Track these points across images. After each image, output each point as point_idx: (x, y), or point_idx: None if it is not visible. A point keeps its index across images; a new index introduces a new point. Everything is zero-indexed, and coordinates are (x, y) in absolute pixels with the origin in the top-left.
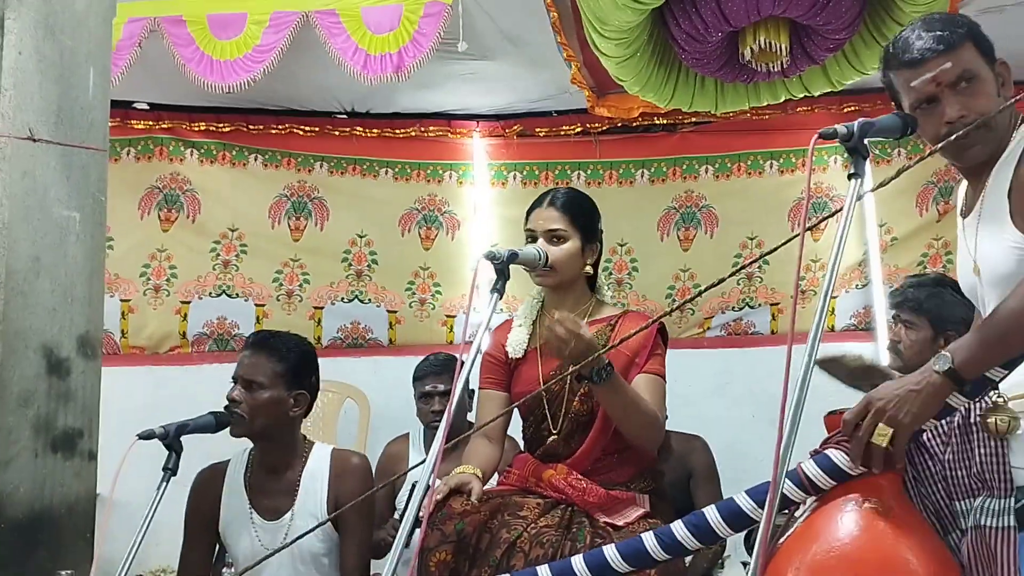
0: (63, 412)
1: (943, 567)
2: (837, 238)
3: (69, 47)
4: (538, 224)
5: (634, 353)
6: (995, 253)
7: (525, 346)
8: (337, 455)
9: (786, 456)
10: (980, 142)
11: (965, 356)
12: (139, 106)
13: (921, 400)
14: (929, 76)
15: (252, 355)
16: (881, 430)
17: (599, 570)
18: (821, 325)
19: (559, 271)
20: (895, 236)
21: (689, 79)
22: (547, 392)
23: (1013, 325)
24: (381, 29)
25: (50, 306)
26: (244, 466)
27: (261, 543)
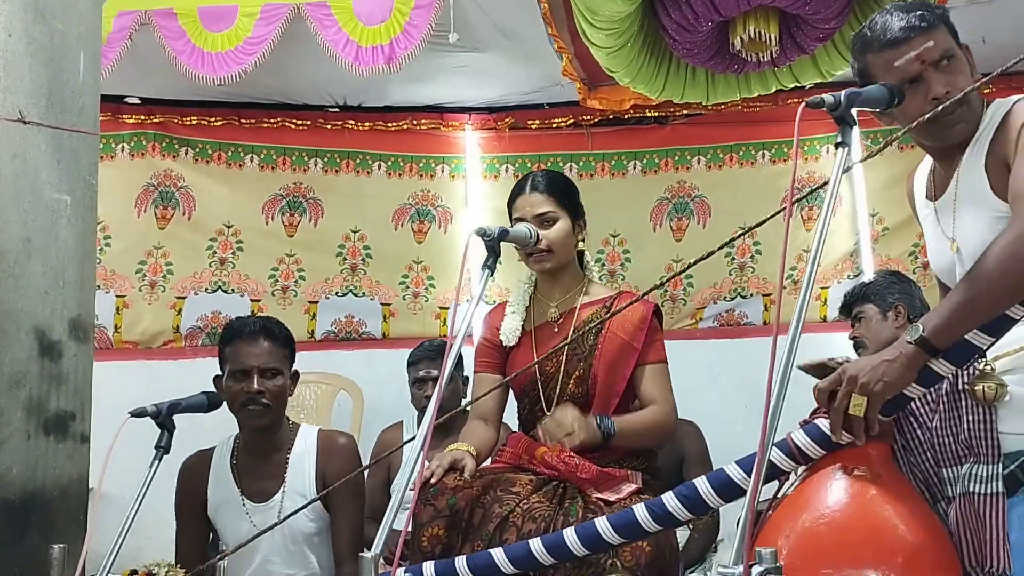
0: (55, 394)
1: (931, 533)
2: (825, 206)
3: (59, 30)
4: (525, 210)
5: (630, 336)
6: (979, 227)
7: (519, 333)
8: (324, 435)
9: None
10: (963, 119)
11: (935, 324)
12: (130, 100)
13: (894, 369)
14: (913, 54)
15: (258, 342)
16: (855, 400)
17: (591, 542)
18: (806, 302)
19: (557, 252)
20: (886, 226)
21: (680, 70)
22: (541, 374)
23: (976, 289)
24: (372, 21)
25: (42, 288)
26: (230, 451)
27: (254, 525)
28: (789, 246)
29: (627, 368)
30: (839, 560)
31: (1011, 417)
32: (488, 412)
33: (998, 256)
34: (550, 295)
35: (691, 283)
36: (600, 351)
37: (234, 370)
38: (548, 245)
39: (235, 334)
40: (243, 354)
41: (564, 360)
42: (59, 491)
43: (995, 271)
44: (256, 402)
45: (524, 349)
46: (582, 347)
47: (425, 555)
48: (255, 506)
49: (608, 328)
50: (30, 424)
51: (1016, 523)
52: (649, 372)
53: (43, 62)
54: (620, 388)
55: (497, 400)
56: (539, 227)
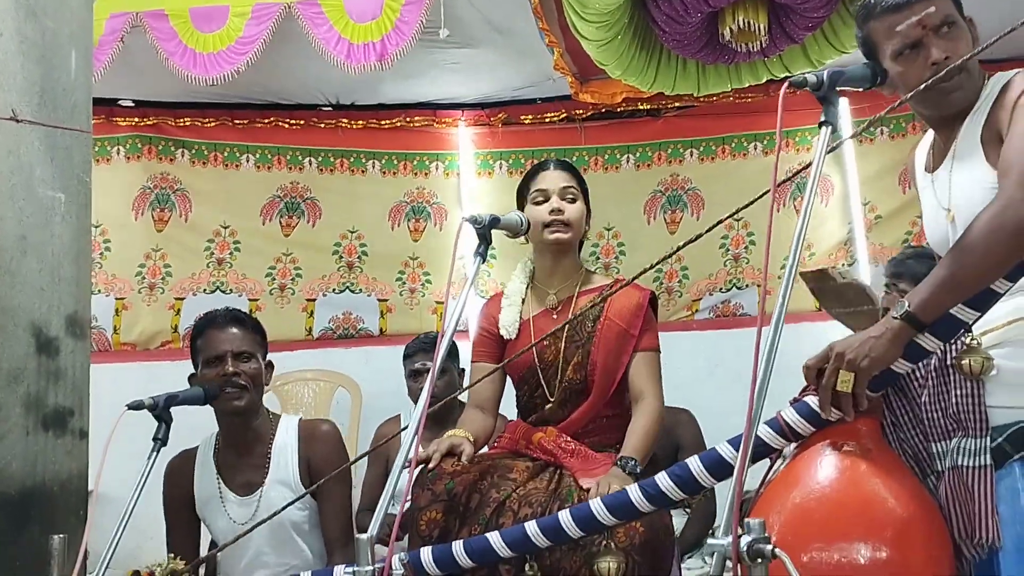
0: (53, 390)
1: (920, 507)
2: (810, 185)
3: (51, 29)
4: (550, 183)
5: (627, 323)
6: (973, 198)
7: (518, 325)
8: (305, 424)
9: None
10: (962, 87)
11: (921, 298)
12: (124, 103)
13: (880, 345)
14: (915, 19)
15: (230, 329)
16: (843, 376)
17: (586, 523)
18: (790, 287)
19: (573, 227)
20: (879, 214)
21: (671, 62)
22: (541, 361)
23: (961, 263)
24: (363, 18)
25: (38, 285)
26: (212, 447)
27: (233, 520)
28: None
29: (625, 355)
30: (830, 535)
31: (999, 391)
32: (485, 401)
33: (982, 231)
34: (549, 283)
35: (686, 275)
36: (598, 337)
37: (208, 357)
38: (568, 218)
39: (205, 325)
40: (215, 340)
41: (563, 347)
42: (58, 486)
43: (978, 246)
44: (233, 384)
45: (523, 338)
46: (580, 334)
47: (423, 539)
48: (240, 499)
49: (605, 315)
50: (28, 420)
51: (1004, 495)
52: (642, 360)
53: (35, 60)
54: (618, 375)
55: (495, 389)
56: (562, 200)
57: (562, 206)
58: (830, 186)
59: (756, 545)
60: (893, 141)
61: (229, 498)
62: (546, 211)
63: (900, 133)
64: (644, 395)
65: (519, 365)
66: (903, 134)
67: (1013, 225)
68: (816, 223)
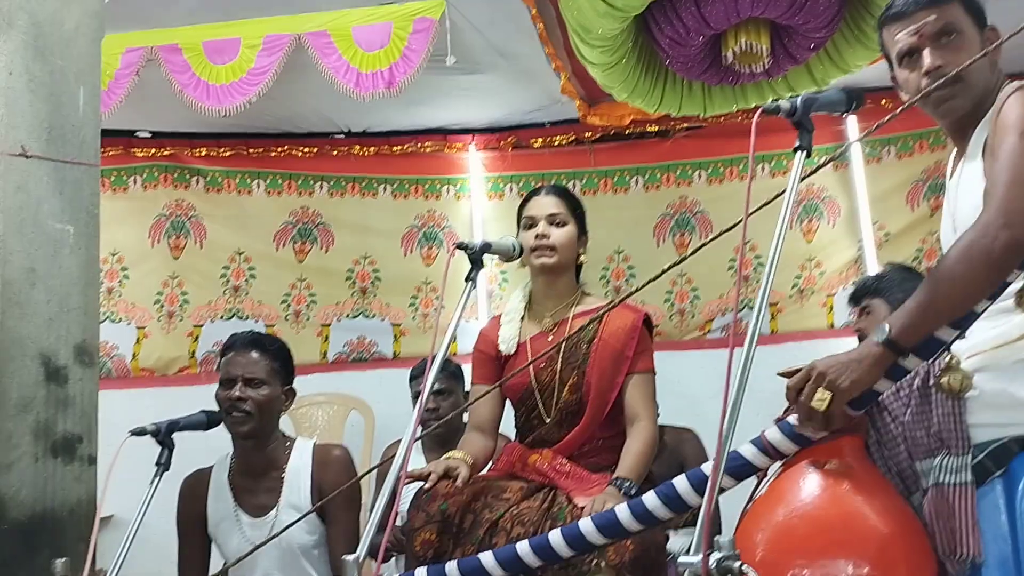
0: (62, 418)
1: (903, 524)
2: (782, 211)
3: (59, 67)
4: (538, 210)
5: (621, 345)
6: (968, 208)
7: (516, 341)
8: (319, 448)
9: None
10: (957, 96)
11: (901, 324)
12: (141, 134)
13: (862, 368)
14: (913, 27)
15: (246, 353)
16: (820, 395)
17: (576, 543)
18: (761, 314)
19: (559, 251)
20: (888, 232)
21: (676, 84)
22: (537, 382)
23: (940, 289)
24: (372, 47)
25: (46, 316)
26: (227, 468)
27: (248, 540)
28: (791, 256)
29: (619, 376)
30: (813, 552)
31: (979, 410)
32: (485, 422)
33: (959, 257)
34: (544, 305)
35: (697, 296)
36: (593, 359)
37: (222, 379)
38: (553, 243)
39: (228, 347)
40: (230, 364)
41: (559, 369)
42: (68, 512)
43: (956, 272)
44: (237, 408)
45: (520, 359)
46: (575, 355)
47: (418, 560)
48: (253, 520)
49: (600, 336)
50: (38, 447)
51: (986, 512)
52: (637, 382)
53: (43, 98)
54: (612, 396)
55: (493, 410)
56: (549, 225)
57: (548, 231)
58: (836, 208)
59: (725, 562)
60: (900, 160)
61: (243, 519)
62: (532, 236)
63: (907, 152)
64: (639, 417)
65: (516, 386)
66: (910, 153)
67: (987, 253)
68: (824, 243)
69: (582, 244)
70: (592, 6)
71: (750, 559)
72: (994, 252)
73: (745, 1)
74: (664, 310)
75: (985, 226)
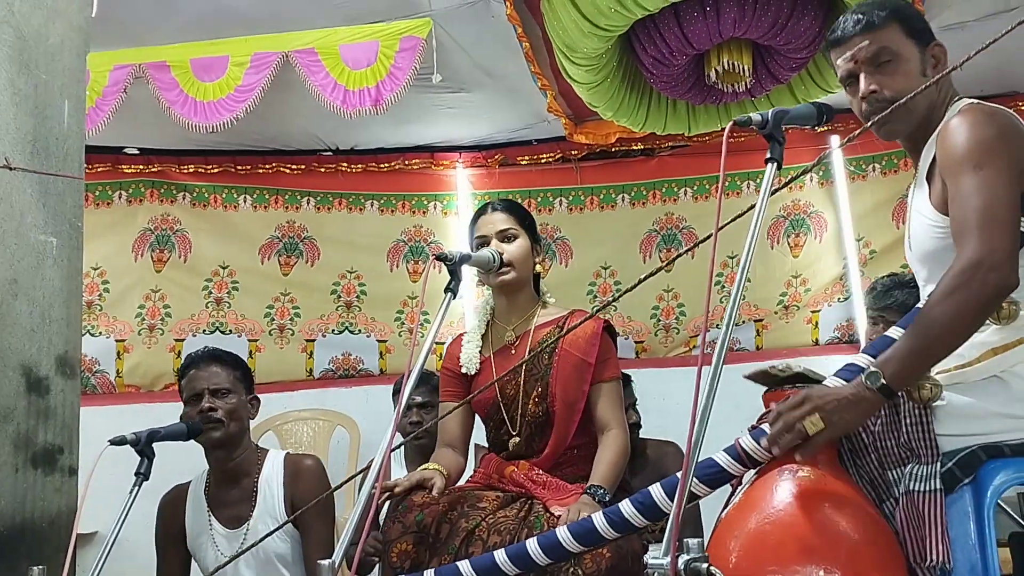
0: (43, 429)
1: (873, 531)
2: (753, 223)
3: (44, 81)
4: (488, 228)
5: (583, 353)
6: (919, 230)
7: (478, 360)
8: (291, 459)
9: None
10: (894, 120)
11: (895, 371)
12: (129, 151)
13: (856, 411)
14: (849, 54)
15: (208, 366)
16: (814, 419)
17: (553, 551)
18: (730, 326)
19: (516, 267)
20: (873, 249)
21: (661, 103)
22: (503, 396)
23: (937, 339)
24: (359, 65)
25: (28, 327)
26: (204, 482)
27: (221, 553)
28: (778, 271)
29: (584, 384)
30: (785, 558)
31: (947, 420)
32: (454, 439)
33: (949, 305)
34: (507, 320)
35: (683, 311)
36: (556, 369)
37: (188, 397)
38: (509, 259)
39: (186, 366)
40: (194, 380)
41: (523, 381)
42: (48, 523)
43: (946, 319)
44: (210, 419)
45: (485, 375)
46: (538, 367)
47: (395, 570)
48: (229, 532)
49: (561, 346)
50: (18, 458)
51: (955, 519)
52: (604, 391)
53: (28, 111)
54: (580, 405)
55: (463, 427)
56: (501, 242)
57: (500, 248)
58: (824, 223)
59: (693, 564)
60: (885, 177)
61: (218, 530)
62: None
63: (892, 169)
64: (609, 425)
65: (483, 402)
66: (895, 170)
67: (977, 299)
68: (810, 260)
69: (537, 254)
70: (577, 25)
71: (723, 565)
72: (987, 299)
73: (727, 22)
74: (650, 326)
75: (971, 271)
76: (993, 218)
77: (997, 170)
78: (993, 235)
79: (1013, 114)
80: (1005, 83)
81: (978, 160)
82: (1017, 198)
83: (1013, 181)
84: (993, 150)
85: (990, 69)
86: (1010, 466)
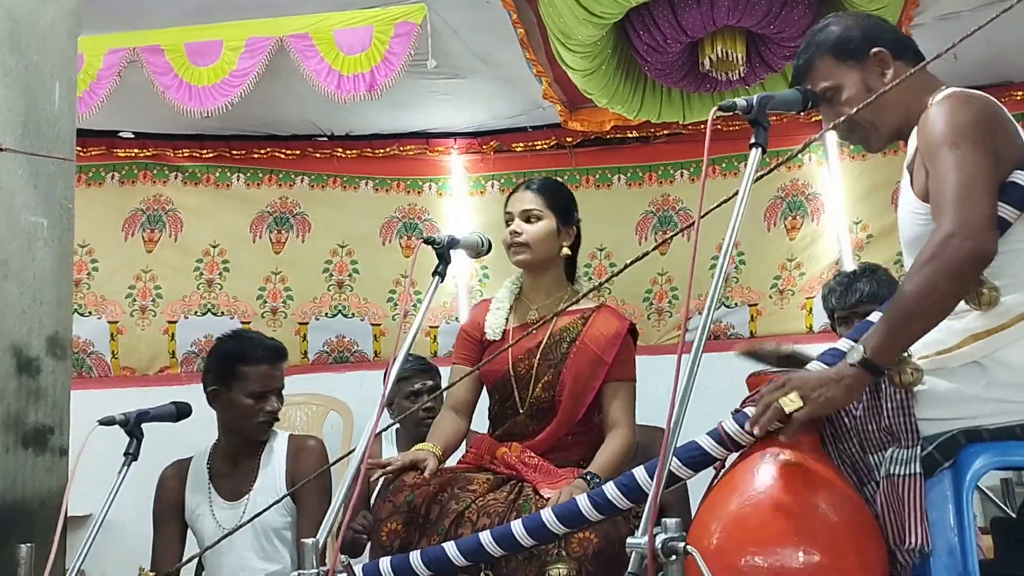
0: (33, 409)
1: (855, 514)
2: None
3: (35, 62)
4: (515, 206)
5: (602, 350)
6: (904, 218)
7: (503, 328)
8: (294, 438)
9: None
10: (864, 135)
11: (875, 345)
12: (124, 135)
13: (840, 390)
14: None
15: (279, 364)
16: (793, 396)
17: (538, 532)
18: (712, 311)
19: (533, 247)
20: (870, 234)
21: (656, 90)
22: (514, 372)
23: (914, 309)
24: (353, 50)
25: (19, 308)
26: (207, 457)
27: (220, 524)
28: (772, 255)
29: (596, 380)
30: (765, 539)
31: (928, 404)
32: (460, 403)
33: (926, 275)
34: (532, 298)
35: (676, 296)
36: (571, 360)
37: (254, 390)
38: (525, 239)
39: (258, 357)
40: (266, 376)
41: (536, 364)
42: (38, 503)
43: (925, 290)
44: (269, 421)
45: (501, 346)
46: (554, 354)
47: (384, 550)
48: (228, 504)
49: (581, 339)
50: (8, 438)
51: (935, 502)
52: (618, 390)
53: (18, 92)
54: (587, 400)
55: (470, 392)
56: (523, 222)
57: (520, 227)
58: (821, 205)
59: (671, 543)
60: (885, 158)
61: (218, 503)
62: (508, 232)
63: (892, 149)
64: (618, 424)
65: (493, 373)
66: (895, 150)
67: (953, 268)
68: (806, 243)
69: (565, 236)
70: (572, 12)
71: (704, 547)
72: (960, 265)
73: (721, 9)
74: (643, 309)
75: (945, 241)
76: (969, 193)
77: (973, 150)
78: (968, 207)
79: (994, 100)
80: (999, 72)
81: (953, 141)
82: (994, 176)
83: (990, 161)
84: (969, 132)
85: (984, 59)
86: (989, 450)
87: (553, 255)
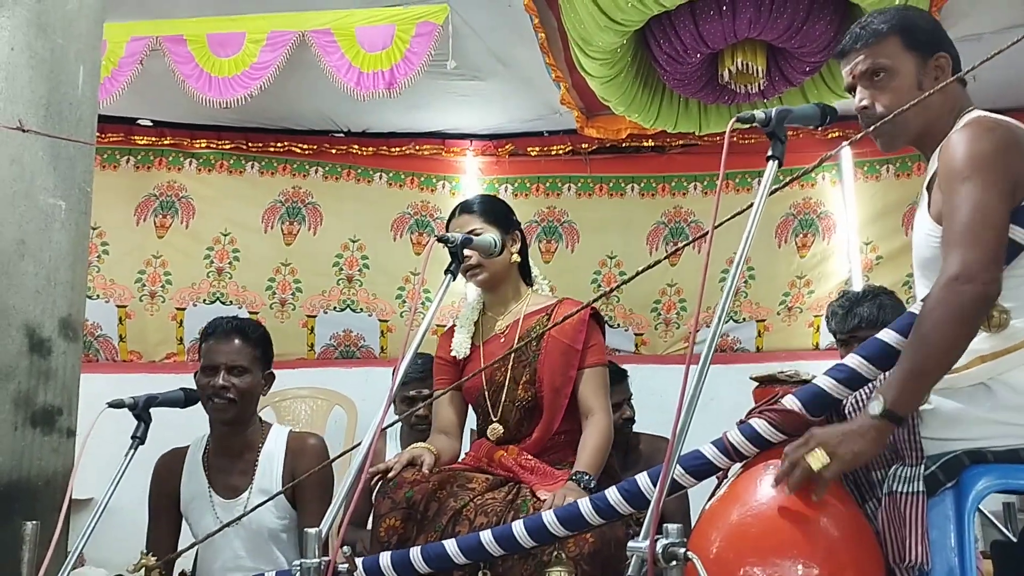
0: (43, 389)
1: (855, 530)
2: (750, 220)
3: (60, 45)
4: (458, 231)
5: (570, 339)
6: (918, 239)
7: (468, 346)
8: (294, 436)
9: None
10: (889, 133)
11: (894, 396)
12: (143, 122)
13: (863, 440)
14: (847, 68)
15: (231, 340)
16: (819, 454)
17: (538, 534)
18: (719, 328)
19: (485, 266)
20: (880, 255)
21: (673, 100)
22: (491, 384)
23: (929, 356)
24: (374, 47)
25: (33, 288)
26: (203, 449)
27: (219, 521)
28: (782, 271)
29: (571, 369)
30: (765, 551)
31: (934, 424)
32: (448, 426)
33: (934, 322)
34: (496, 311)
35: (684, 307)
36: (543, 355)
37: (204, 366)
38: (477, 260)
39: (211, 332)
40: (214, 351)
41: (510, 367)
42: (44, 482)
43: (936, 337)
44: (220, 396)
45: (474, 364)
46: (527, 353)
47: (383, 545)
48: (224, 502)
49: (549, 333)
50: (17, 416)
51: (936, 521)
52: (588, 376)
53: (43, 75)
54: (567, 390)
55: (456, 413)
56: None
57: (468, 252)
58: (832, 224)
59: (671, 548)
60: (899, 180)
61: (216, 500)
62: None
63: (905, 172)
64: (593, 411)
65: (472, 390)
66: (908, 173)
67: (959, 313)
68: (816, 261)
69: (511, 243)
70: (593, 19)
71: (704, 555)
72: (964, 310)
73: (742, 22)
74: (650, 319)
75: (950, 285)
76: (974, 232)
77: (986, 184)
78: (972, 248)
79: (1016, 125)
80: (1019, 97)
81: (969, 174)
82: (1005, 211)
83: (1003, 195)
84: (985, 164)
85: (1003, 83)
86: (993, 472)
87: (506, 266)
